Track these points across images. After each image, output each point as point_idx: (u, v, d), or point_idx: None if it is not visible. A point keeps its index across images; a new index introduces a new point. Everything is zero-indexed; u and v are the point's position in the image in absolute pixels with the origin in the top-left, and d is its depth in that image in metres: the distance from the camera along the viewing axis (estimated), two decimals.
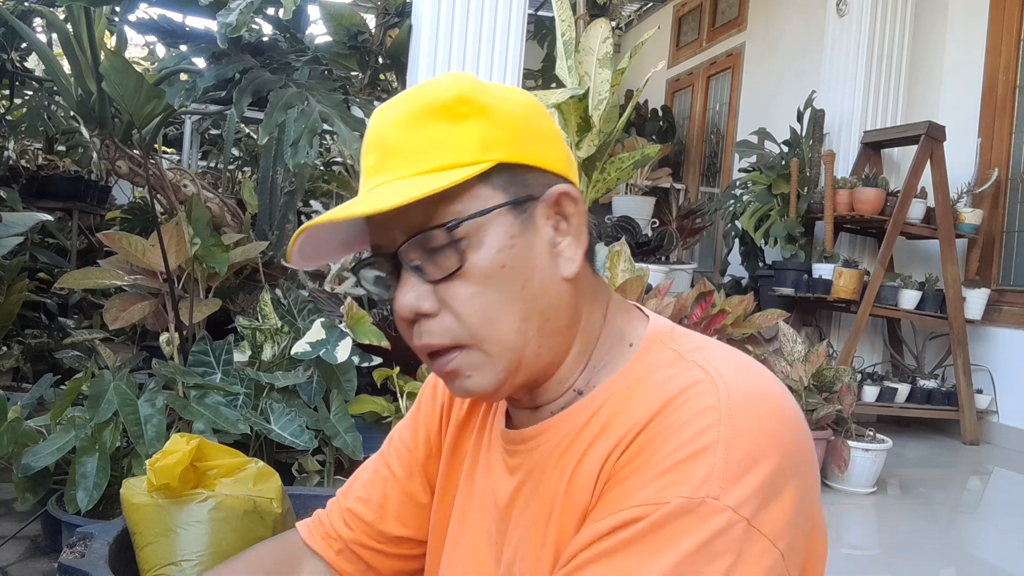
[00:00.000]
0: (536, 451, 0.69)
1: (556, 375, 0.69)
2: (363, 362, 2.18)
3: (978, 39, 4.36)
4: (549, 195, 0.65)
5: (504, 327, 0.63)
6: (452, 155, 0.62)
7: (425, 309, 0.63)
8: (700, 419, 0.57)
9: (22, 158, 4.12)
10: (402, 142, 0.64)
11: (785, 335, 2.90)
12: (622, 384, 0.66)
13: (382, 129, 0.65)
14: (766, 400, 0.59)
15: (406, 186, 0.61)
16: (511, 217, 0.63)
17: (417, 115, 0.64)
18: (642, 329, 0.70)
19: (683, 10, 7.16)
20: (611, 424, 0.63)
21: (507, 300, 0.63)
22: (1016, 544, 2.60)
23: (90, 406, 1.80)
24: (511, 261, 0.63)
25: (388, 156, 0.64)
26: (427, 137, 0.63)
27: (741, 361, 0.64)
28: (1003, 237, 4.26)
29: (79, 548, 1.07)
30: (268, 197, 3.02)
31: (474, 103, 0.64)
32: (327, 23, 3.93)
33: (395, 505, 0.84)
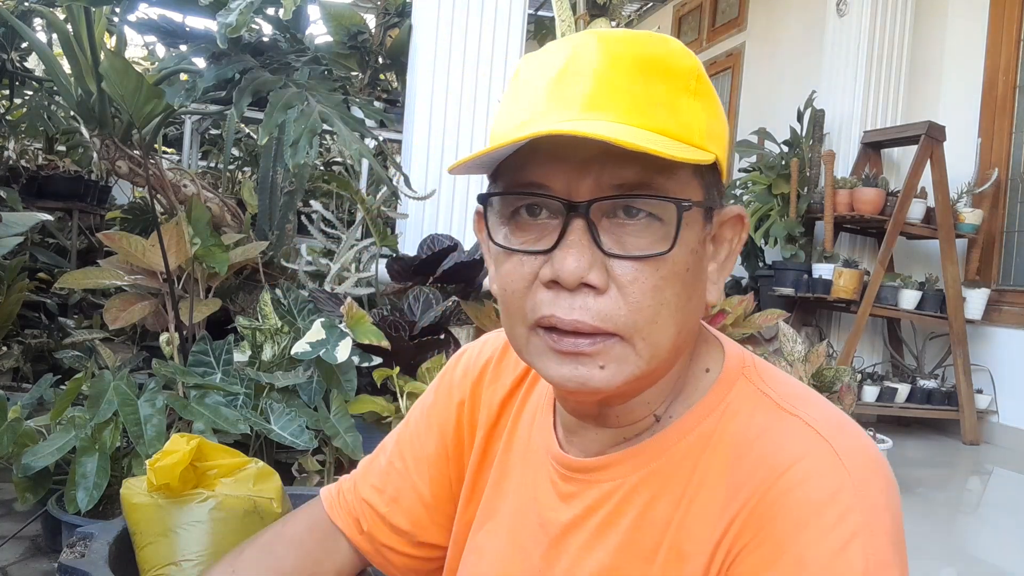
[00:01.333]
0: (601, 486, 0.63)
1: (644, 395, 0.62)
2: (363, 362, 2.18)
3: (978, 39, 4.36)
4: (726, 213, 0.60)
5: (666, 333, 0.57)
6: (683, 129, 0.55)
7: (595, 281, 0.54)
8: (836, 504, 0.52)
9: (22, 158, 4.12)
10: (632, 85, 0.54)
11: (785, 335, 2.90)
12: (707, 424, 0.60)
13: (609, 60, 0.55)
14: (880, 468, 0.56)
15: (642, 135, 0.52)
16: (703, 222, 0.58)
17: (655, 67, 0.55)
18: (716, 352, 0.65)
19: (683, 10, 7.16)
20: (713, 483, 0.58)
21: (677, 306, 0.56)
22: (1016, 544, 2.60)
23: (90, 406, 1.80)
24: (694, 266, 0.57)
25: (613, 93, 0.54)
26: (662, 96, 0.55)
27: (838, 414, 0.59)
28: (1003, 237, 4.26)
29: (79, 548, 1.07)
30: (268, 197, 3.02)
31: (705, 86, 0.58)
32: (327, 23, 3.94)
33: (406, 500, 0.80)
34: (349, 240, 2.80)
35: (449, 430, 0.80)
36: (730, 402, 0.61)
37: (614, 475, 0.63)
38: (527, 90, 0.57)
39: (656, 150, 0.50)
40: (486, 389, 0.78)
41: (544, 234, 0.56)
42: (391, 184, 2.89)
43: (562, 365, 0.57)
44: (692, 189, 0.57)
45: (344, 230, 2.85)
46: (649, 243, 0.55)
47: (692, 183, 0.57)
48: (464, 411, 0.79)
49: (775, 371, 0.64)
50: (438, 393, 0.82)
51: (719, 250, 0.62)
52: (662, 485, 0.60)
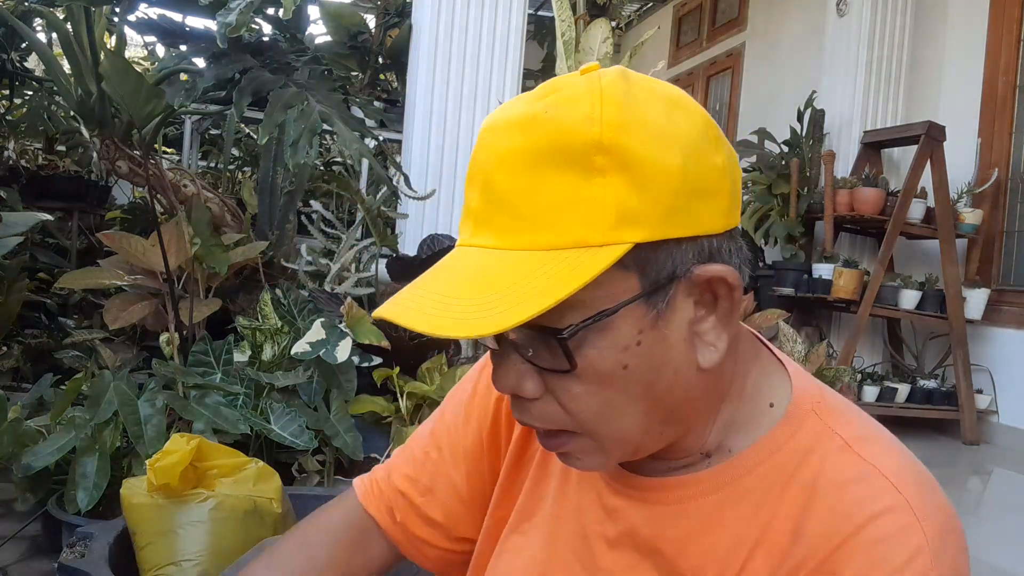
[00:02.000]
0: (652, 507, 0.61)
1: (682, 442, 0.60)
2: (363, 362, 2.18)
3: (978, 39, 4.36)
4: (698, 277, 0.52)
5: (622, 425, 0.55)
6: (580, 228, 0.49)
7: (527, 393, 0.54)
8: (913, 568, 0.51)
9: (22, 158, 4.12)
10: (514, 195, 0.50)
11: (785, 335, 2.90)
12: (776, 460, 0.57)
13: (493, 164, 0.51)
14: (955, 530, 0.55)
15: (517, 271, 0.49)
16: (644, 307, 0.51)
17: (541, 156, 0.50)
18: (783, 387, 0.61)
19: (683, 10, 7.16)
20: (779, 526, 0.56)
21: (626, 399, 0.53)
22: (1016, 544, 2.60)
23: (90, 406, 1.80)
24: (635, 360, 0.52)
25: (496, 209, 0.51)
26: (548, 195, 0.49)
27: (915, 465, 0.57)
28: (1003, 237, 4.26)
29: (79, 548, 1.08)
30: (268, 197, 3.02)
31: (616, 153, 0.49)
32: (327, 23, 3.94)
33: (442, 492, 0.77)
34: (349, 240, 2.80)
35: (486, 424, 0.77)
36: (800, 441, 0.58)
37: (667, 499, 0.61)
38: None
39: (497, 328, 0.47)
40: None
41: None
42: (391, 184, 2.90)
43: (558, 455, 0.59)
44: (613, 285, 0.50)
45: (344, 230, 2.85)
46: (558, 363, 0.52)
47: (613, 278, 0.50)
48: (503, 406, 0.76)
49: (848, 407, 0.61)
50: (477, 385, 0.80)
51: (715, 308, 0.54)
52: (722, 518, 0.58)
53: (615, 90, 0.51)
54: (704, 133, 0.53)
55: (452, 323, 0.49)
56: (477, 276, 0.50)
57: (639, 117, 0.50)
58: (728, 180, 0.54)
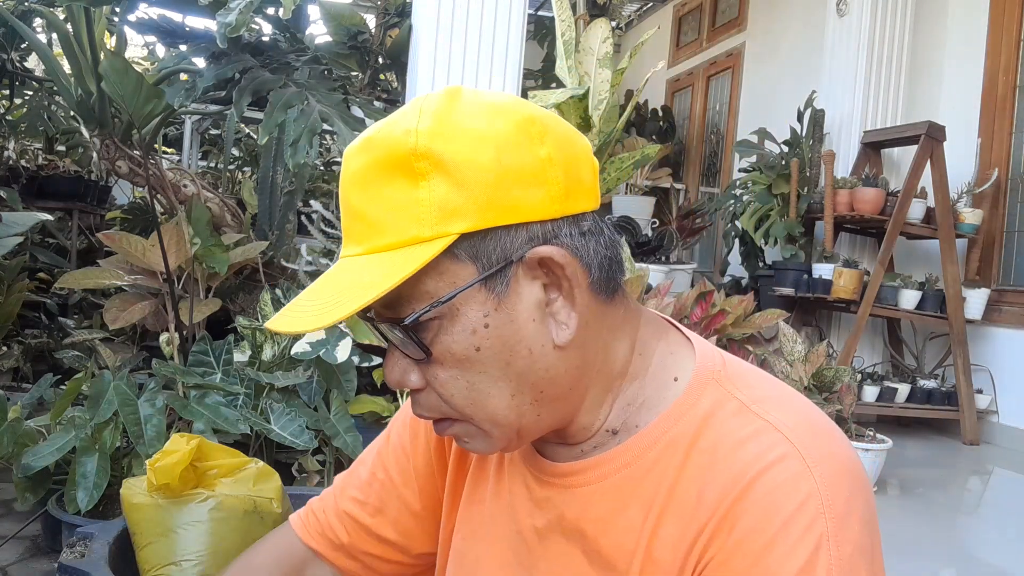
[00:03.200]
0: (573, 491, 0.64)
1: (576, 422, 0.64)
2: (363, 362, 2.18)
3: (978, 39, 4.36)
4: (529, 259, 0.56)
5: (491, 406, 0.59)
6: (412, 226, 0.55)
7: (411, 384, 0.60)
8: (804, 513, 0.53)
9: (22, 158, 4.12)
10: (362, 205, 0.57)
11: (785, 335, 2.90)
12: (678, 430, 0.60)
13: (347, 184, 0.59)
14: (849, 472, 0.57)
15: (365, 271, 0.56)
16: (484, 292, 0.56)
17: (376, 170, 0.56)
18: (688, 360, 0.64)
19: (683, 10, 7.16)
20: (684, 490, 0.58)
21: (489, 380, 0.58)
22: (1016, 544, 2.60)
23: (90, 406, 1.80)
24: (487, 342, 0.57)
25: (352, 221, 0.59)
26: (386, 202, 0.56)
27: (811, 416, 0.60)
28: (1003, 237, 4.26)
29: (79, 548, 1.07)
30: (268, 197, 3.02)
31: (432, 157, 0.55)
32: (327, 23, 3.93)
33: (392, 511, 0.80)
34: None
35: (433, 440, 0.79)
36: (700, 408, 0.60)
37: (587, 480, 0.64)
38: None
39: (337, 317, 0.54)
40: None
41: None
42: None
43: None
44: (452, 274, 0.56)
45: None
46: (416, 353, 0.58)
47: (450, 267, 0.56)
48: None
49: (750, 372, 0.64)
50: None
51: (559, 286, 0.58)
52: (634, 491, 0.61)
53: (435, 105, 0.57)
54: (524, 130, 0.57)
55: (292, 322, 0.56)
56: (334, 280, 0.58)
57: (452, 125, 0.56)
58: (557, 168, 0.57)
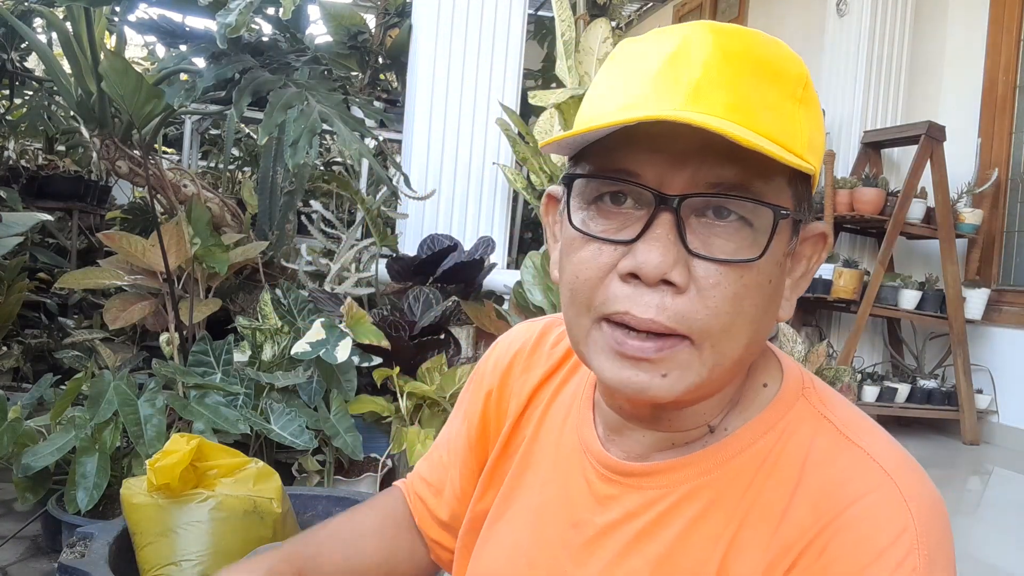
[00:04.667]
0: (646, 492, 0.61)
1: (701, 404, 0.60)
2: (363, 362, 2.18)
3: (978, 39, 4.36)
4: (811, 229, 0.58)
5: (736, 343, 0.54)
6: (787, 136, 0.52)
7: (677, 280, 0.52)
8: (899, 546, 0.52)
9: (22, 158, 4.12)
10: (742, 84, 0.52)
11: (785, 335, 2.90)
12: (766, 441, 0.58)
13: (721, 54, 0.52)
14: (939, 509, 0.56)
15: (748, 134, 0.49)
16: (790, 235, 0.55)
17: (766, 69, 0.53)
18: (774, 368, 0.63)
19: (683, 10, 7.16)
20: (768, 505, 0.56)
21: (753, 317, 0.54)
22: (1016, 544, 2.60)
23: (90, 406, 1.80)
24: (776, 279, 0.55)
25: (722, 88, 0.51)
26: (771, 99, 0.52)
27: (902, 451, 0.58)
28: (1003, 237, 4.26)
29: (79, 548, 1.08)
30: (268, 197, 3.02)
31: (812, 95, 0.55)
32: (327, 23, 3.94)
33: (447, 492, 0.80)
34: (349, 240, 2.80)
35: (476, 420, 0.78)
36: (790, 422, 0.59)
37: (662, 483, 0.60)
38: (629, 74, 0.54)
39: (769, 150, 0.48)
40: (516, 379, 0.76)
41: (627, 224, 0.54)
42: (391, 184, 2.90)
43: (623, 368, 0.54)
44: (785, 199, 0.54)
45: (344, 230, 2.85)
46: (737, 248, 0.52)
47: (785, 192, 0.54)
48: (491, 401, 0.77)
49: (834, 394, 0.62)
50: (470, 384, 0.81)
51: (796, 266, 0.59)
52: (714, 500, 0.58)
53: None
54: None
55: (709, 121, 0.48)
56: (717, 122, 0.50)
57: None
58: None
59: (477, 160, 3.18)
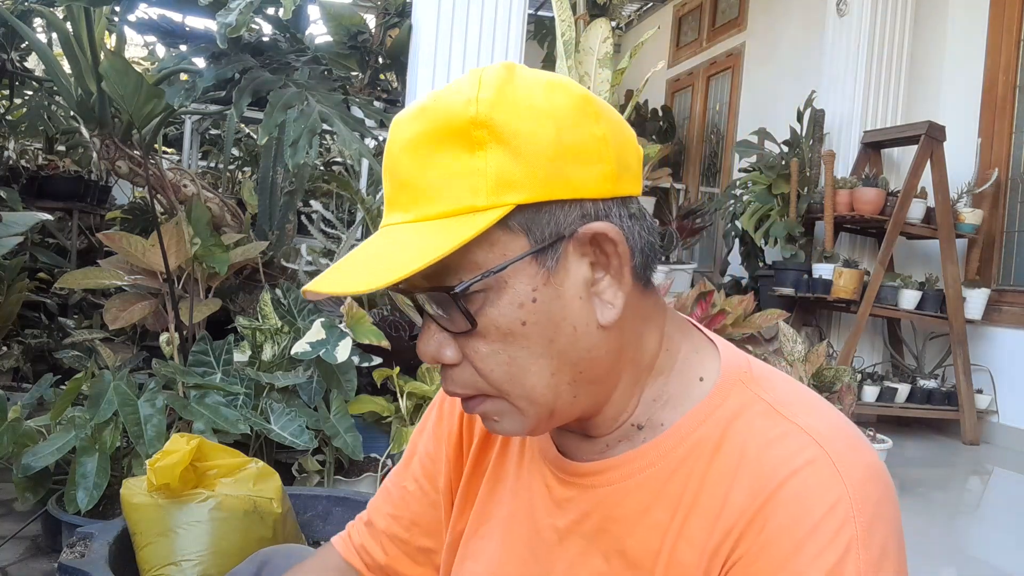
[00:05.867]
0: (597, 490, 0.64)
1: (604, 411, 0.63)
2: (363, 362, 2.18)
3: (978, 39, 4.36)
4: (582, 235, 0.56)
5: (530, 383, 0.58)
6: (467, 195, 0.54)
7: (446, 359, 0.59)
8: (834, 516, 0.53)
9: (22, 158, 4.12)
10: (413, 174, 0.56)
11: (785, 335, 2.90)
12: (704, 430, 0.60)
13: (397, 151, 0.58)
14: (878, 478, 0.57)
15: (414, 238, 0.55)
16: (534, 266, 0.56)
17: (431, 138, 0.55)
18: (713, 361, 0.64)
19: (683, 10, 7.16)
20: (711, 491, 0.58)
21: (531, 356, 0.57)
22: (1016, 544, 2.60)
23: (90, 406, 1.80)
24: (533, 317, 0.56)
25: (400, 189, 0.57)
26: (440, 170, 0.55)
27: (839, 422, 0.60)
28: (1003, 237, 4.26)
29: (79, 548, 1.07)
30: (268, 197, 3.02)
31: (492, 127, 0.54)
32: (327, 23, 3.94)
33: (426, 521, 0.81)
34: (349, 240, 2.80)
35: (453, 441, 0.79)
36: (728, 409, 0.60)
37: (611, 479, 0.63)
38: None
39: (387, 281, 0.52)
40: None
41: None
42: None
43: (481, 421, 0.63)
44: (503, 244, 0.55)
45: (344, 230, 2.85)
46: (461, 323, 0.57)
47: (502, 238, 0.55)
48: (464, 420, 0.79)
49: (774, 375, 0.63)
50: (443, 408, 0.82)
51: (607, 265, 0.58)
52: (659, 491, 0.60)
53: (493, 77, 0.56)
54: (581, 108, 0.57)
55: (335, 283, 0.55)
56: (378, 246, 0.57)
57: (513, 97, 0.55)
58: (611, 149, 0.57)
59: None
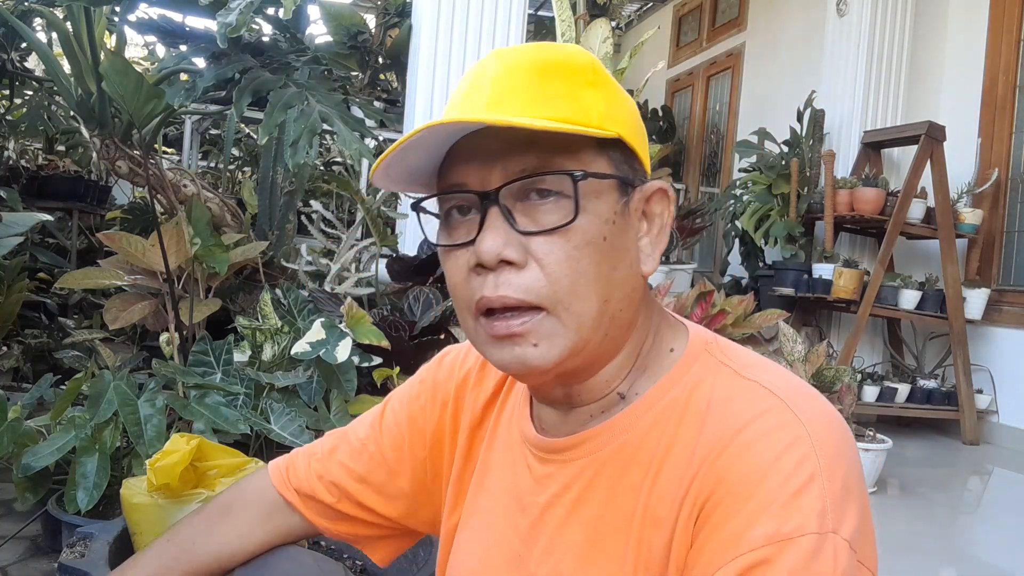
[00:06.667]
0: (574, 463, 0.66)
1: (601, 372, 0.66)
2: (363, 362, 2.18)
3: (978, 39, 4.36)
4: (648, 187, 0.65)
5: (588, 302, 0.60)
6: (580, 113, 0.59)
7: (511, 257, 0.59)
8: (795, 451, 0.55)
9: (22, 158, 4.12)
10: (530, 85, 0.60)
11: (785, 335, 2.90)
12: (672, 395, 0.64)
13: (505, 69, 0.61)
14: (836, 424, 0.60)
15: (537, 122, 0.57)
16: (617, 194, 0.62)
17: (549, 67, 0.61)
18: (682, 335, 0.69)
19: (683, 10, 7.16)
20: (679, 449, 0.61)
21: (597, 275, 0.60)
22: (1016, 544, 2.60)
23: (90, 406, 1.80)
24: (611, 237, 0.61)
25: (511, 93, 0.60)
26: (557, 89, 0.60)
27: (797, 380, 0.63)
28: (1003, 237, 4.26)
29: (79, 548, 1.07)
30: (268, 197, 3.02)
31: (603, 77, 0.63)
32: (327, 23, 3.94)
33: (376, 482, 0.83)
34: (349, 240, 2.80)
35: (430, 429, 0.82)
36: (694, 375, 0.64)
37: (587, 451, 0.66)
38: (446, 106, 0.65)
39: (534, 125, 0.56)
40: (470, 392, 0.81)
41: (471, 229, 0.61)
42: None
43: (501, 349, 0.61)
44: (598, 165, 0.61)
45: (344, 230, 2.85)
46: (558, 218, 0.59)
47: (598, 160, 0.61)
48: (448, 413, 0.81)
49: (737, 346, 0.68)
50: (421, 388, 0.84)
51: (651, 225, 0.65)
52: (632, 455, 0.63)
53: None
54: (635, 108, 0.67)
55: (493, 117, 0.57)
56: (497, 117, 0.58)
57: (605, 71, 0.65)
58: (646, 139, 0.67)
59: None
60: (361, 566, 1.19)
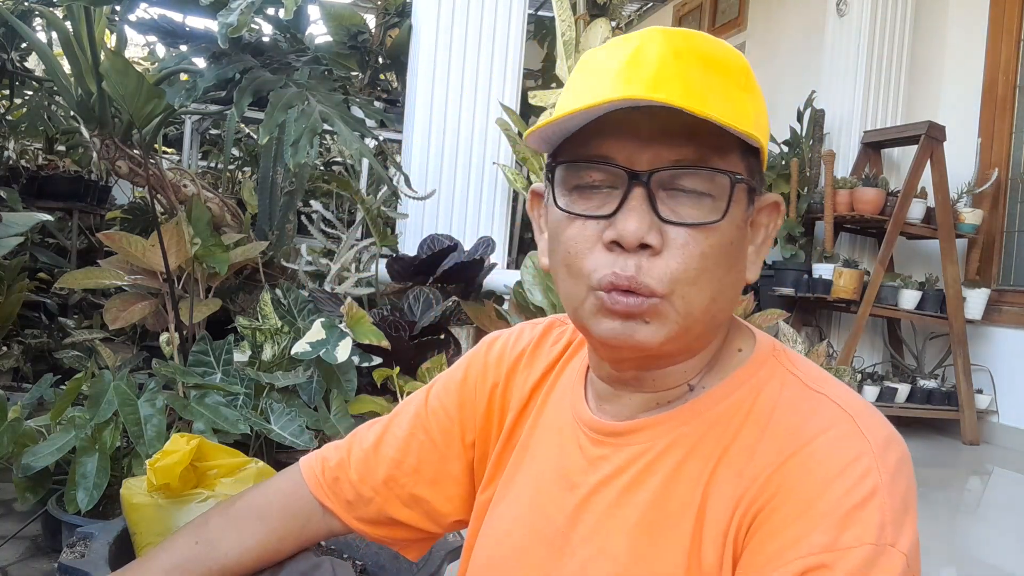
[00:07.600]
0: (632, 448, 0.67)
1: (682, 364, 0.67)
2: (363, 362, 2.18)
3: (978, 39, 4.36)
4: (766, 198, 0.66)
5: (701, 296, 0.61)
6: (737, 116, 0.59)
7: (653, 242, 0.59)
8: (859, 464, 0.57)
9: (22, 158, 4.12)
10: (693, 75, 0.59)
11: (785, 335, 2.90)
12: (739, 394, 0.65)
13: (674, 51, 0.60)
14: (897, 443, 0.61)
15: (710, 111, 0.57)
16: (747, 202, 0.63)
17: (712, 62, 0.61)
18: (748, 337, 0.70)
19: (683, 10, 7.16)
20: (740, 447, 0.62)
21: (717, 275, 0.62)
22: (1016, 544, 2.60)
23: (90, 406, 1.80)
24: (737, 241, 0.63)
25: (675, 79, 0.59)
26: (715, 84, 0.60)
27: (860, 398, 0.65)
28: (1003, 237, 4.26)
29: (79, 548, 1.07)
30: (268, 197, 3.02)
31: (754, 82, 0.65)
32: (327, 23, 3.94)
33: (429, 472, 0.82)
34: (349, 240, 2.80)
35: (480, 411, 0.82)
36: (761, 378, 0.66)
37: (646, 438, 0.67)
38: (595, 75, 0.62)
39: (722, 119, 0.56)
40: (519, 374, 0.81)
41: (606, 201, 0.61)
42: (391, 184, 2.89)
43: (612, 322, 0.62)
44: (741, 169, 0.62)
45: (344, 230, 2.85)
46: (700, 214, 0.60)
47: (740, 165, 0.62)
48: (496, 395, 0.81)
49: (804, 358, 0.69)
50: (469, 373, 0.84)
51: (756, 234, 0.67)
52: (693, 447, 0.64)
53: None
54: None
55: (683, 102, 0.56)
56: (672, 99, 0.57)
57: None
58: None
59: (477, 160, 3.18)
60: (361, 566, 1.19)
